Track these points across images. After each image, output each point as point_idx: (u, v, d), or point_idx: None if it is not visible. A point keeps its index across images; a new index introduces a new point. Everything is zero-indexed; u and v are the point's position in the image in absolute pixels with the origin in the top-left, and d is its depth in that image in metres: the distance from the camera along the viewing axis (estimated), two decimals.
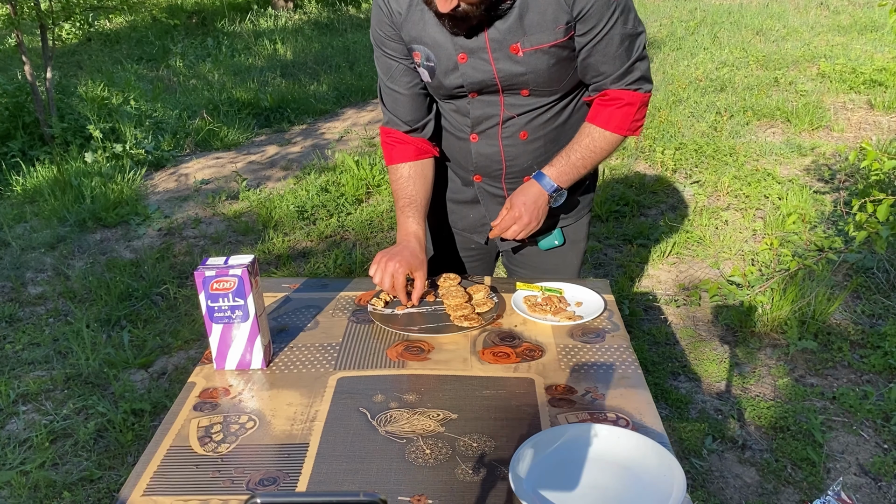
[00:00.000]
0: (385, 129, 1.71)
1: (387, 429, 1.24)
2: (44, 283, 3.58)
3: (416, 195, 1.68)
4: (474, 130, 1.65)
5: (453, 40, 1.50)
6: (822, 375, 2.71)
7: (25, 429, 2.58)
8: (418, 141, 1.69)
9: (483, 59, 1.51)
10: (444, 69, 1.54)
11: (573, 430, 1.19)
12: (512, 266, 1.92)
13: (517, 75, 1.52)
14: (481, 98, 1.59)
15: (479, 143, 1.67)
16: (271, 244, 3.87)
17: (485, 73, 1.53)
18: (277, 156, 5.27)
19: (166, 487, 1.13)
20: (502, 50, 1.49)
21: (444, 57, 1.53)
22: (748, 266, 3.44)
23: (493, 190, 1.76)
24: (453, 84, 1.56)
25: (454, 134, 1.70)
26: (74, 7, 5.62)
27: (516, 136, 1.63)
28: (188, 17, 10.58)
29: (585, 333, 1.52)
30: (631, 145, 4.88)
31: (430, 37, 1.52)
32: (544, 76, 1.52)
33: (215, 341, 1.41)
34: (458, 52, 1.51)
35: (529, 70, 1.51)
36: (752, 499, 2.18)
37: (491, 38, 1.48)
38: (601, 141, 1.58)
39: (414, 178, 1.68)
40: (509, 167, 1.69)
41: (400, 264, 1.56)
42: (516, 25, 1.46)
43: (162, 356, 2.98)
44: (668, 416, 2.52)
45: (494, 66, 1.51)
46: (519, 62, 1.50)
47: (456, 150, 1.74)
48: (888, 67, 5.88)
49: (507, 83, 1.54)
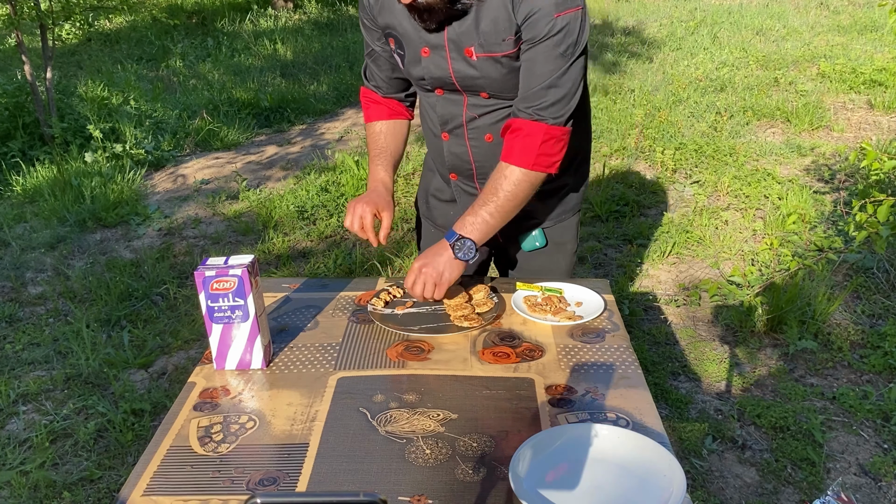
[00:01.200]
0: (364, 89, 1.82)
1: (387, 429, 1.24)
2: (44, 283, 3.58)
3: (387, 147, 1.77)
4: (443, 129, 1.69)
5: (419, 33, 1.53)
6: (822, 375, 2.71)
7: (25, 429, 2.58)
8: (392, 102, 1.78)
9: (442, 56, 1.53)
10: (411, 59, 1.58)
11: (573, 430, 1.19)
12: (503, 267, 1.94)
13: (472, 78, 1.54)
14: (447, 96, 1.62)
15: (449, 142, 1.70)
16: (271, 244, 3.87)
17: (443, 71, 1.55)
18: (277, 156, 5.27)
19: (166, 487, 1.13)
20: (458, 51, 1.51)
21: (411, 48, 1.56)
22: (748, 266, 3.44)
23: (469, 189, 1.78)
24: (417, 76, 1.61)
25: (431, 131, 1.74)
26: (74, 7, 5.62)
27: (482, 139, 1.65)
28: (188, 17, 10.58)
29: (585, 333, 1.53)
30: (631, 145, 4.88)
31: (401, 26, 1.55)
32: (499, 83, 1.53)
33: (215, 341, 1.41)
34: (422, 45, 1.54)
35: (483, 75, 1.52)
36: (752, 499, 2.18)
37: (449, 38, 1.50)
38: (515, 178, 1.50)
39: (385, 133, 1.78)
40: (479, 167, 1.70)
41: (367, 205, 1.65)
42: (471, 29, 1.47)
43: (162, 356, 2.98)
44: (668, 416, 2.52)
45: (451, 66, 1.53)
46: (473, 66, 1.51)
47: (433, 147, 1.78)
48: (888, 67, 5.88)
49: (463, 84, 1.56)
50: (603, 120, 5.37)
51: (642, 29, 8.30)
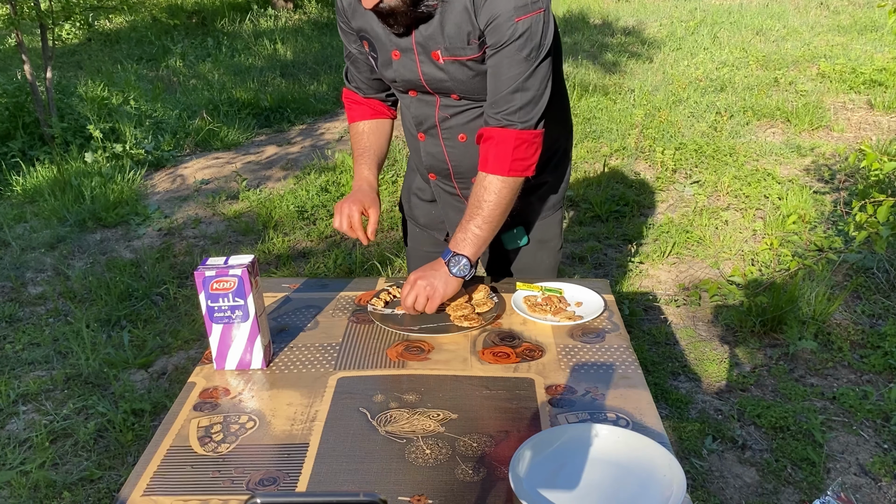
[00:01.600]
0: (346, 90, 1.82)
1: (387, 429, 1.24)
2: (44, 283, 3.58)
3: (370, 146, 1.78)
4: (419, 129, 1.70)
5: (389, 37, 1.54)
6: (822, 375, 2.71)
7: (25, 429, 2.58)
8: (374, 102, 1.78)
9: (411, 59, 1.54)
10: (383, 62, 1.60)
11: (573, 430, 1.19)
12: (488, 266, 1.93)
13: (441, 80, 1.55)
14: (420, 97, 1.64)
15: (425, 142, 1.71)
16: (271, 244, 3.87)
17: (412, 74, 1.56)
18: (277, 156, 5.27)
19: (166, 487, 1.13)
20: (426, 54, 1.51)
21: (383, 51, 1.58)
22: (748, 266, 3.44)
23: (447, 188, 1.78)
24: (389, 78, 1.62)
25: (409, 131, 1.76)
26: (74, 7, 5.63)
27: (455, 139, 1.65)
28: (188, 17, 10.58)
29: (585, 333, 1.53)
30: (631, 145, 4.88)
31: (373, 29, 1.56)
32: (468, 85, 1.54)
33: (215, 341, 1.41)
34: (392, 48, 1.55)
35: (451, 78, 1.53)
36: (752, 499, 2.18)
37: (416, 42, 1.51)
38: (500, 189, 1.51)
39: (368, 132, 1.78)
40: (455, 167, 1.71)
41: (353, 204, 1.66)
42: (437, 33, 1.47)
43: (162, 356, 2.98)
44: (668, 416, 2.52)
45: (420, 69, 1.54)
46: (441, 69, 1.52)
47: (412, 148, 1.80)
48: (888, 67, 5.88)
49: (432, 86, 1.57)
50: (603, 120, 5.37)
51: (642, 29, 8.30)
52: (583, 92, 5.91)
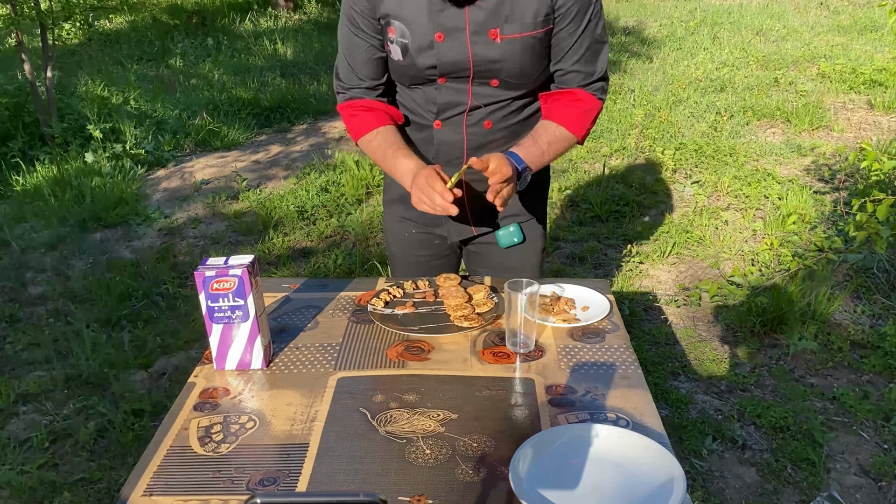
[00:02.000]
0: (344, 104, 1.68)
1: (387, 429, 1.24)
2: (44, 284, 3.58)
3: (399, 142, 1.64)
4: (439, 117, 1.64)
5: (431, 17, 1.48)
6: (822, 375, 2.71)
7: (25, 429, 2.58)
8: (379, 104, 1.65)
9: (460, 40, 1.50)
10: (419, 47, 1.52)
11: (573, 430, 1.19)
12: (473, 266, 1.90)
13: (492, 61, 1.52)
14: (449, 85, 1.58)
15: (442, 130, 1.65)
16: (271, 244, 3.87)
17: (460, 54, 1.51)
18: (277, 156, 5.27)
19: (166, 487, 1.13)
20: (481, 33, 1.48)
21: (420, 34, 1.51)
22: (748, 266, 3.44)
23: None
24: (426, 64, 1.54)
25: (416, 122, 1.69)
26: (74, 7, 5.62)
27: (480, 125, 1.63)
28: (188, 17, 10.58)
29: (585, 334, 1.53)
30: (631, 145, 4.88)
31: (408, 12, 1.50)
32: (517, 67, 1.53)
33: (215, 341, 1.41)
34: (435, 30, 1.49)
35: (504, 58, 1.51)
36: (752, 499, 2.18)
37: (472, 20, 1.47)
38: (564, 139, 1.62)
39: (387, 134, 1.65)
40: (469, 154, 1.67)
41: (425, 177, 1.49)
42: (499, 9, 1.46)
43: (162, 356, 2.98)
44: (668, 416, 2.52)
45: (471, 49, 1.50)
46: (496, 48, 1.49)
47: (417, 138, 1.72)
48: (888, 67, 5.88)
49: (480, 69, 1.53)
50: (603, 120, 5.37)
51: (642, 29, 8.30)
52: None
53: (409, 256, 1.90)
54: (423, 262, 1.88)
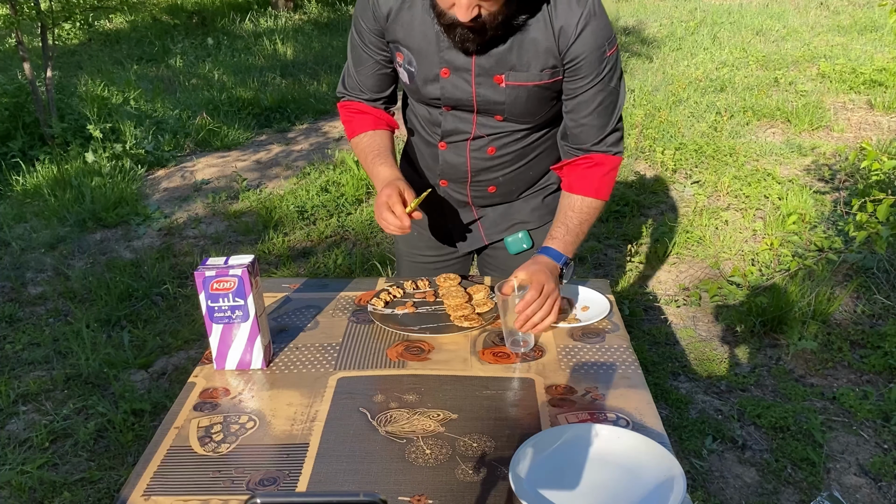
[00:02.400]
0: (343, 102, 1.71)
1: (387, 429, 1.24)
2: (44, 283, 3.59)
3: (385, 147, 1.66)
4: (443, 140, 1.65)
5: (439, 53, 1.48)
6: (822, 375, 2.71)
7: (25, 429, 2.58)
8: (378, 111, 1.68)
9: (465, 79, 1.50)
10: (425, 78, 1.53)
11: (573, 430, 1.19)
12: (485, 270, 1.92)
13: (495, 103, 1.52)
14: (455, 113, 1.58)
15: (446, 151, 1.67)
16: (271, 244, 3.87)
17: (464, 93, 1.52)
18: (277, 156, 5.27)
19: (166, 487, 1.13)
20: (486, 76, 1.48)
21: (427, 66, 1.51)
22: (748, 266, 3.44)
23: (458, 196, 1.76)
24: (431, 94, 1.56)
25: (423, 137, 1.70)
26: (74, 7, 5.62)
27: (484, 151, 1.64)
28: (188, 17, 10.58)
29: (585, 334, 1.53)
30: (631, 145, 4.88)
31: (416, 43, 1.49)
32: (521, 109, 1.53)
33: (215, 341, 1.41)
34: (441, 65, 1.49)
35: (508, 101, 1.51)
36: (752, 499, 2.18)
37: (478, 63, 1.46)
38: (591, 209, 1.60)
39: (376, 137, 1.67)
40: (474, 177, 1.69)
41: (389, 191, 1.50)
42: (506, 56, 1.45)
43: (162, 356, 2.98)
44: (668, 416, 2.52)
45: (475, 90, 1.51)
46: (500, 92, 1.50)
47: (425, 153, 1.74)
48: (888, 67, 5.88)
49: (483, 107, 1.54)
50: None
51: (642, 29, 8.30)
52: None
53: (415, 256, 1.91)
54: (429, 264, 1.90)
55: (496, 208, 1.78)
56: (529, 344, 1.46)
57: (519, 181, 1.72)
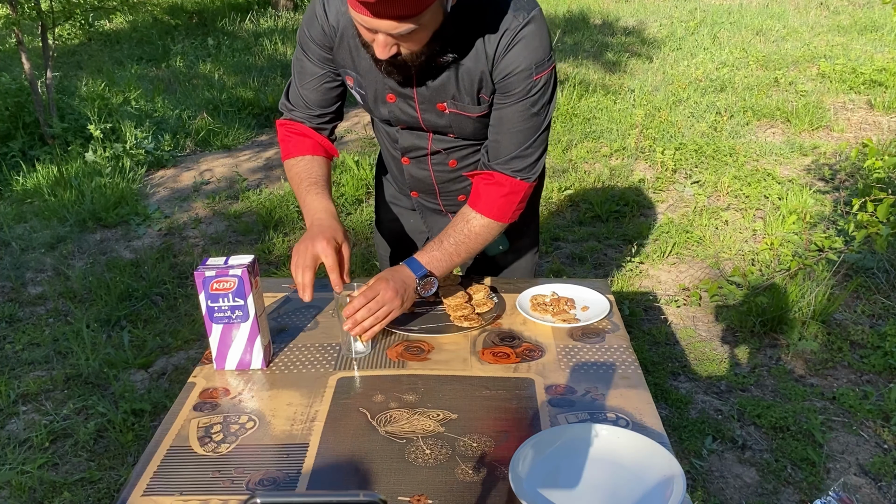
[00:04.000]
0: (283, 121, 1.65)
1: (387, 429, 1.24)
2: (44, 283, 3.58)
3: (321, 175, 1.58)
4: (405, 155, 1.66)
5: (384, 80, 1.47)
6: (822, 375, 2.71)
7: (25, 429, 2.58)
8: (319, 137, 1.62)
9: (411, 105, 1.50)
10: (373, 100, 1.53)
11: (573, 430, 1.19)
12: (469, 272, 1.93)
13: (442, 126, 1.53)
14: (409, 131, 1.59)
15: (410, 165, 1.68)
16: (271, 244, 3.87)
17: (411, 118, 1.52)
18: (278, 156, 5.26)
19: (166, 487, 1.13)
20: (429, 104, 1.48)
21: (373, 90, 1.51)
22: (748, 266, 3.44)
23: (430, 204, 1.79)
24: (381, 115, 1.56)
25: (390, 152, 1.71)
26: (75, 7, 5.62)
27: (445, 164, 1.65)
28: (188, 17, 10.58)
29: (585, 334, 1.53)
30: (631, 145, 4.88)
31: (362, 68, 1.49)
32: (469, 132, 1.54)
33: (215, 341, 1.41)
34: (387, 91, 1.49)
35: (455, 125, 1.51)
36: (752, 499, 2.18)
37: (419, 93, 1.46)
38: (481, 228, 1.52)
39: (316, 163, 1.60)
40: (441, 188, 1.71)
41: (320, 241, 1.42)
42: (445, 86, 1.44)
43: (162, 356, 2.98)
44: (668, 416, 2.52)
45: (420, 116, 1.51)
46: (444, 117, 1.50)
47: (393, 166, 1.75)
48: (888, 67, 5.88)
49: (432, 129, 1.55)
50: (603, 120, 5.37)
51: (643, 29, 8.30)
52: (583, 92, 5.91)
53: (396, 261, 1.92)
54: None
55: None
56: (360, 351, 1.45)
57: None
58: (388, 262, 1.95)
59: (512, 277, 1.84)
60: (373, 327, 1.41)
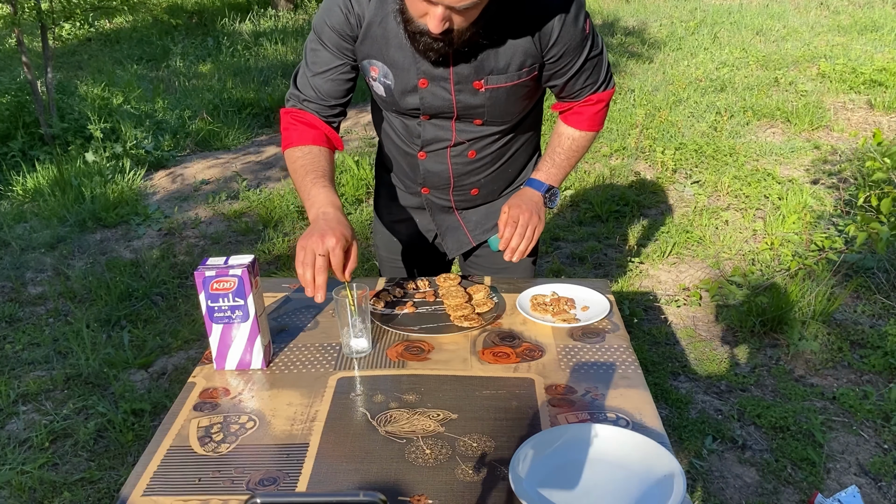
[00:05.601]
0: (288, 109, 1.58)
1: (387, 429, 1.24)
2: (44, 283, 3.59)
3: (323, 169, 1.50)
4: (423, 150, 1.64)
5: (416, 64, 1.46)
6: (822, 375, 2.71)
7: (25, 429, 2.58)
8: (326, 127, 1.57)
9: (444, 87, 1.49)
10: (402, 90, 1.51)
11: (573, 430, 1.19)
12: (467, 269, 1.93)
13: (474, 107, 1.52)
14: (433, 122, 1.58)
15: (426, 160, 1.66)
16: (271, 244, 3.87)
17: (443, 101, 1.51)
18: (277, 156, 5.27)
19: (166, 487, 1.13)
20: (465, 83, 1.48)
21: (404, 78, 1.49)
22: (748, 266, 3.44)
23: (441, 201, 1.77)
24: (409, 105, 1.54)
25: (402, 148, 1.68)
26: (75, 7, 5.62)
27: (464, 155, 1.64)
28: (188, 17, 10.58)
29: (585, 334, 1.53)
30: (631, 145, 4.88)
31: (391, 56, 1.47)
32: (500, 109, 1.54)
33: (215, 341, 1.41)
34: (419, 76, 1.48)
35: (488, 104, 1.52)
36: (752, 499, 2.18)
37: (456, 72, 1.46)
38: (583, 139, 1.66)
39: (320, 155, 1.53)
40: (457, 182, 1.70)
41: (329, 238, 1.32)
42: (484, 63, 1.44)
43: (162, 356, 2.98)
44: (668, 416, 2.52)
45: (455, 97, 1.50)
46: (479, 96, 1.50)
47: (403, 162, 1.72)
48: (888, 67, 5.88)
49: (463, 112, 1.54)
50: None
51: (643, 29, 8.30)
52: None
53: (397, 262, 1.93)
54: (411, 266, 1.92)
55: (478, 210, 1.80)
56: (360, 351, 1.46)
57: (499, 180, 1.74)
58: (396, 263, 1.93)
59: (512, 277, 1.84)
60: (528, 247, 1.57)
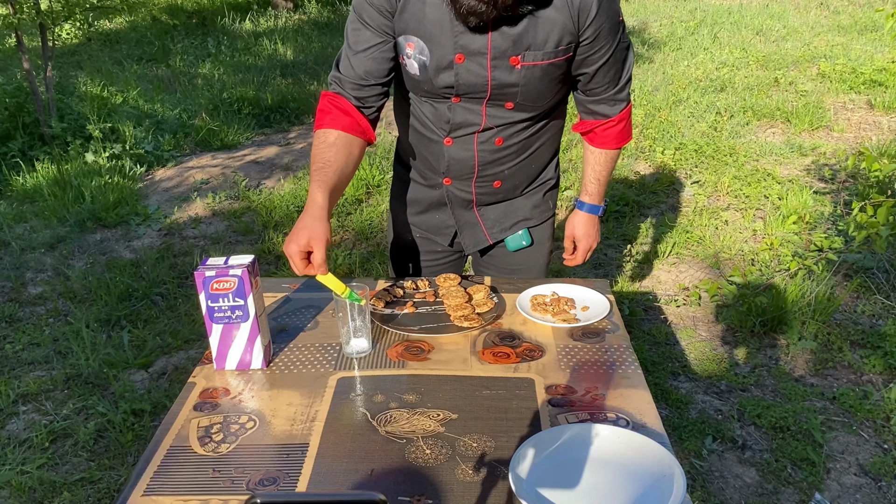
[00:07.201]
0: (327, 93, 1.62)
1: (387, 429, 1.24)
2: (44, 283, 3.58)
3: (335, 161, 1.52)
4: (450, 135, 1.63)
5: (454, 39, 1.46)
6: (822, 375, 2.71)
7: (25, 429, 2.58)
8: (359, 116, 1.57)
9: (481, 63, 1.48)
10: (437, 66, 1.50)
11: (573, 430, 1.19)
12: (481, 268, 1.92)
13: (509, 85, 1.51)
14: (464, 105, 1.57)
15: (452, 146, 1.65)
16: (271, 244, 3.87)
17: (479, 78, 1.50)
18: (277, 156, 5.27)
19: (166, 487, 1.13)
20: (502, 59, 1.47)
21: (440, 54, 1.49)
22: (748, 266, 3.44)
23: (462, 194, 1.75)
24: (443, 83, 1.53)
25: (426, 135, 1.67)
26: (74, 7, 5.62)
27: (491, 142, 1.63)
28: (188, 17, 10.58)
29: (585, 334, 1.53)
30: (631, 145, 4.88)
31: (428, 31, 1.47)
32: (534, 91, 1.53)
33: (215, 341, 1.41)
34: (456, 51, 1.48)
35: (522, 83, 1.51)
36: (752, 499, 2.18)
37: (494, 46, 1.46)
38: (615, 154, 1.77)
39: (337, 145, 1.54)
40: (481, 171, 1.69)
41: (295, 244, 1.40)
42: (522, 37, 1.44)
43: (162, 356, 2.98)
44: (668, 416, 2.52)
45: (490, 73, 1.49)
46: (515, 73, 1.49)
47: (427, 151, 1.70)
48: (888, 68, 5.88)
49: (497, 92, 1.53)
50: None
51: (643, 29, 8.30)
52: None
53: (409, 259, 1.91)
54: (424, 265, 1.90)
55: (497, 207, 1.78)
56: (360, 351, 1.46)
57: (522, 174, 1.73)
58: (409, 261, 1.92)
59: (529, 275, 1.84)
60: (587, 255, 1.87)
